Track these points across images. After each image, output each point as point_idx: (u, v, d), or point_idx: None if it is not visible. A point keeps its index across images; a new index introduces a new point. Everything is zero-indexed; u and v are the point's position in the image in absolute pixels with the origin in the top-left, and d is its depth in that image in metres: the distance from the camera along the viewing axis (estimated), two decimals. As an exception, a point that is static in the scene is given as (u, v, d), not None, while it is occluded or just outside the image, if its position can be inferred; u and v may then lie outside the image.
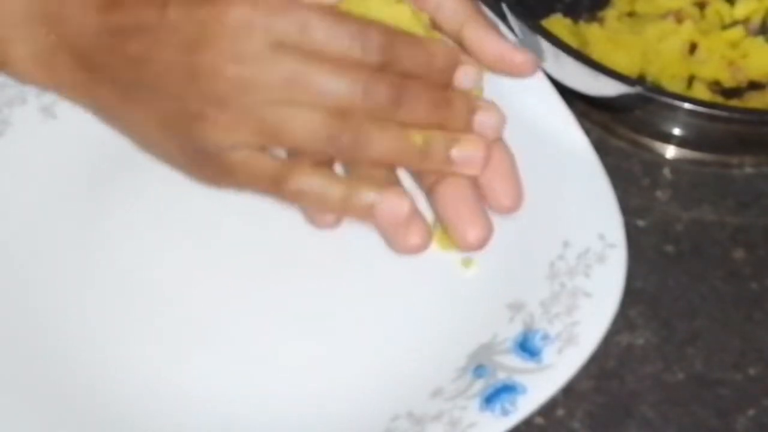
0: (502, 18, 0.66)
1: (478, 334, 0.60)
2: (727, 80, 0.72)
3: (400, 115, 0.55)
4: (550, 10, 0.73)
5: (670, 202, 0.69)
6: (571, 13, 0.73)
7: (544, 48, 0.65)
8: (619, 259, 0.60)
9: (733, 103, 0.72)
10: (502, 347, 0.59)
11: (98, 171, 0.65)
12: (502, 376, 0.57)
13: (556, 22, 0.72)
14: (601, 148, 0.65)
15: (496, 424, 0.56)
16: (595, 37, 0.72)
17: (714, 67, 0.72)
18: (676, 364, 0.63)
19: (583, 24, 0.73)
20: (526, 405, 0.56)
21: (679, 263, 0.66)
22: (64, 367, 0.59)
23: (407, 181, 0.60)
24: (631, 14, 0.74)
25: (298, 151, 0.56)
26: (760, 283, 0.66)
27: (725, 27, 0.74)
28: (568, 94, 0.65)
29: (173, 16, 0.53)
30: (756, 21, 0.75)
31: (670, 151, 0.70)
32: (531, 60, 0.58)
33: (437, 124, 0.56)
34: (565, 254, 0.61)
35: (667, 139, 0.70)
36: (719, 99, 0.72)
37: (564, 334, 0.58)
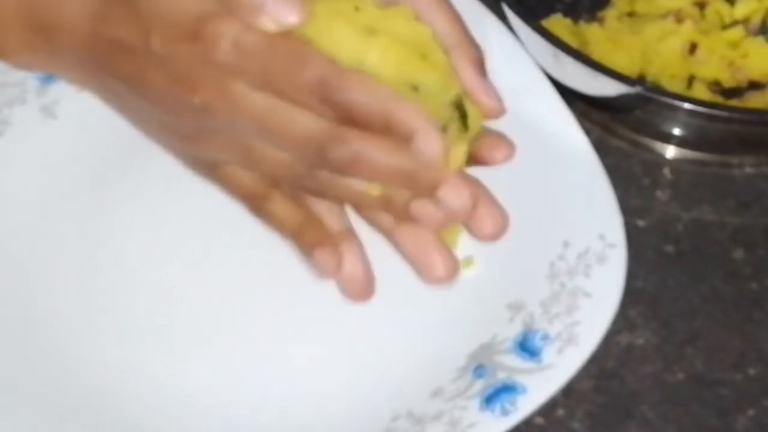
0: (502, 18, 0.66)
1: (478, 334, 0.60)
2: (727, 80, 0.72)
3: (359, 174, 0.53)
4: (550, 10, 0.73)
5: (670, 202, 0.69)
6: (571, 13, 0.73)
7: (544, 48, 0.65)
8: (619, 259, 0.60)
9: (733, 103, 0.72)
10: (502, 347, 0.59)
11: (98, 171, 0.65)
12: (502, 376, 0.57)
13: (556, 22, 0.72)
14: (601, 148, 0.65)
15: (496, 424, 0.56)
16: (595, 37, 0.72)
17: (714, 67, 0.72)
18: (676, 364, 0.63)
19: (583, 24, 0.73)
20: (526, 405, 0.57)
21: (679, 263, 0.66)
22: (64, 367, 0.59)
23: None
24: (631, 14, 0.74)
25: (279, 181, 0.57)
26: (760, 283, 0.66)
27: (725, 27, 0.74)
28: (568, 94, 0.65)
29: (157, 47, 0.53)
30: (756, 21, 0.75)
31: (670, 151, 0.70)
32: (498, 107, 0.56)
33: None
34: (565, 254, 0.61)
35: (667, 139, 0.70)
36: (719, 99, 0.71)
37: (564, 334, 0.58)
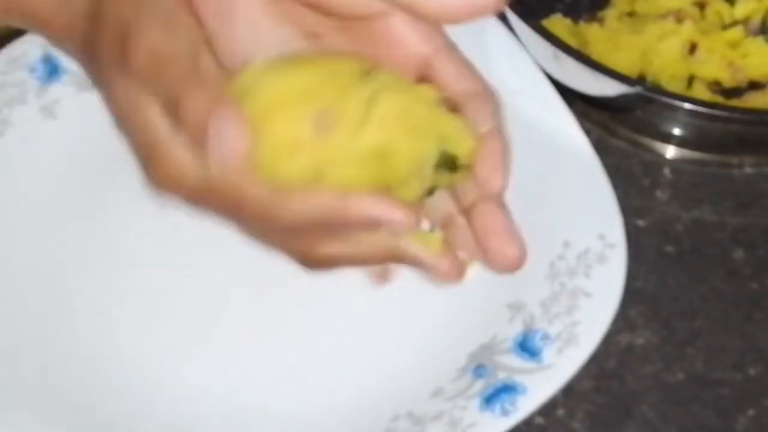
0: (502, 18, 0.66)
1: (478, 334, 0.60)
2: (727, 80, 0.72)
3: None
4: (550, 10, 0.73)
5: (670, 202, 0.69)
6: (571, 13, 0.73)
7: (544, 48, 0.65)
8: (619, 259, 0.60)
9: (733, 103, 0.72)
10: (502, 347, 0.59)
11: (98, 171, 0.65)
12: (502, 376, 0.57)
13: (556, 22, 0.72)
14: (601, 148, 0.65)
15: (496, 424, 0.56)
16: (595, 37, 0.72)
17: (714, 67, 0.72)
18: (676, 364, 0.63)
19: (583, 24, 0.73)
20: (526, 405, 0.57)
21: (679, 263, 0.66)
22: (63, 367, 0.59)
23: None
24: (631, 14, 0.74)
25: None
26: (760, 283, 0.66)
27: (725, 27, 0.74)
28: (568, 94, 0.65)
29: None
30: (756, 21, 0.75)
31: (670, 151, 0.70)
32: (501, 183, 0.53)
33: None
34: (565, 254, 0.61)
35: (667, 139, 0.70)
36: (719, 99, 0.71)
37: (564, 334, 0.58)
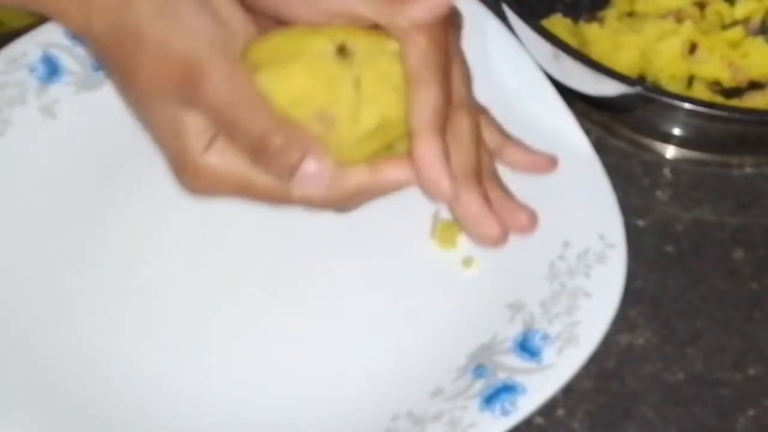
0: (502, 18, 0.66)
1: (478, 334, 0.60)
2: (727, 80, 0.72)
3: None
4: (550, 10, 0.73)
5: (670, 202, 0.69)
6: (571, 13, 0.73)
7: (544, 48, 0.65)
8: (619, 259, 0.60)
9: (733, 103, 0.72)
10: (502, 347, 0.59)
11: (98, 171, 0.65)
12: (502, 376, 0.57)
13: (556, 22, 0.72)
14: (601, 148, 0.65)
15: (496, 424, 0.56)
16: (595, 37, 0.72)
17: (714, 67, 0.72)
18: (676, 364, 0.63)
19: (583, 24, 0.73)
20: (526, 405, 0.57)
21: (679, 263, 0.66)
22: (63, 367, 0.59)
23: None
24: (631, 14, 0.74)
25: None
26: (760, 283, 0.66)
27: (725, 27, 0.74)
28: (568, 94, 0.65)
29: None
30: (756, 21, 0.75)
31: (670, 151, 0.70)
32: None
33: None
34: (565, 254, 0.61)
35: (667, 139, 0.70)
36: (719, 99, 0.71)
37: (564, 334, 0.58)
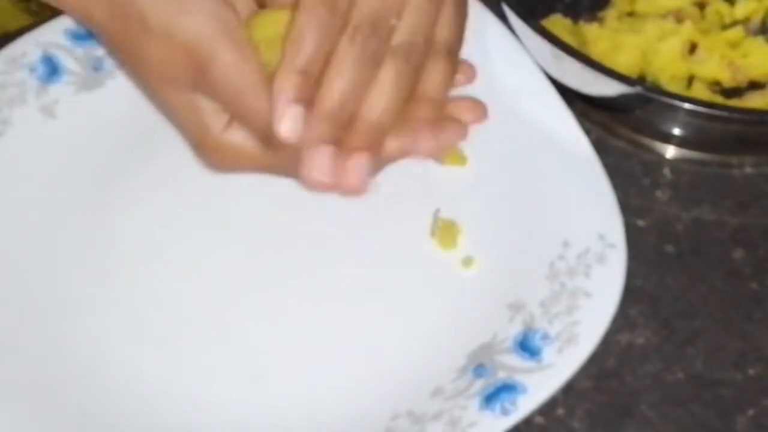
0: (502, 18, 0.66)
1: (478, 333, 0.60)
2: (727, 80, 0.72)
3: None
4: (550, 10, 0.73)
5: (670, 202, 0.69)
6: (571, 13, 0.73)
7: (544, 48, 0.65)
8: (619, 259, 0.60)
9: (733, 103, 0.72)
10: (503, 347, 0.59)
11: (98, 171, 0.65)
12: (502, 376, 0.57)
13: (556, 22, 0.72)
14: (601, 148, 0.65)
15: (496, 424, 0.56)
16: (595, 37, 0.72)
17: (714, 67, 0.72)
18: (676, 364, 0.63)
19: (583, 24, 0.73)
20: (526, 404, 0.57)
21: (679, 263, 0.66)
22: (63, 367, 0.59)
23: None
24: (631, 14, 0.74)
25: None
26: (760, 283, 0.66)
27: (725, 27, 0.74)
28: (568, 94, 0.65)
29: None
30: (756, 21, 0.75)
31: (670, 151, 0.70)
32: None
33: None
34: (565, 254, 0.61)
35: (667, 139, 0.70)
36: (719, 99, 0.71)
37: (564, 334, 0.58)
